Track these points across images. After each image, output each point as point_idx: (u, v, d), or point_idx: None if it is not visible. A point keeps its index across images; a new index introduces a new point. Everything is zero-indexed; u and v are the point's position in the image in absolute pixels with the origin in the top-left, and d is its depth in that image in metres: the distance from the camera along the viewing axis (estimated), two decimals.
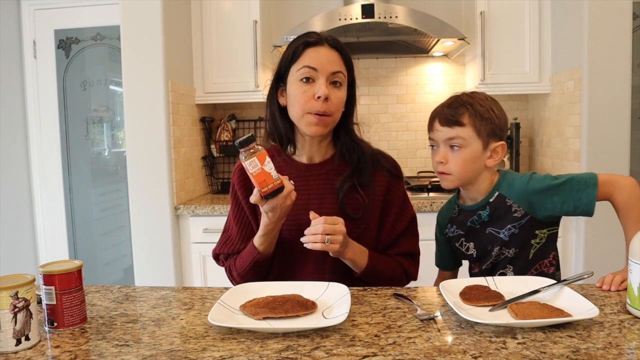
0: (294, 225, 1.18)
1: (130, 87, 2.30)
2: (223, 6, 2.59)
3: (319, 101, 1.12)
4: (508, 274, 1.20)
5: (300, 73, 1.15)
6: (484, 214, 1.20)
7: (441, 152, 1.19)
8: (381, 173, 1.25)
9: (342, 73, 1.17)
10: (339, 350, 0.79)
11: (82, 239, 2.80)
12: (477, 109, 1.15)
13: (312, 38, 1.17)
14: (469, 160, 1.16)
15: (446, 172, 1.18)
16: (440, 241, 1.35)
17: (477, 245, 1.24)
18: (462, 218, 1.26)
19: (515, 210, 1.17)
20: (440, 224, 1.33)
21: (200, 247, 2.36)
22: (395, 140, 2.99)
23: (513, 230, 1.17)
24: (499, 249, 1.20)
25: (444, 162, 1.18)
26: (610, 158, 2.17)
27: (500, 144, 1.18)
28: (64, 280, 0.91)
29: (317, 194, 1.21)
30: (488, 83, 2.52)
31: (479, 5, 2.49)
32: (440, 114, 1.19)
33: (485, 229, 1.21)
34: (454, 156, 1.17)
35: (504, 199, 1.18)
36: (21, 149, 2.75)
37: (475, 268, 1.28)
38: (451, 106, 1.18)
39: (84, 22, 2.70)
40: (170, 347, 0.82)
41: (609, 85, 2.15)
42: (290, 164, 1.24)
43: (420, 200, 2.26)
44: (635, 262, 0.90)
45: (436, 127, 1.19)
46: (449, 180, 1.19)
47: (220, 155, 2.84)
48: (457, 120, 1.15)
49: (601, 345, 0.78)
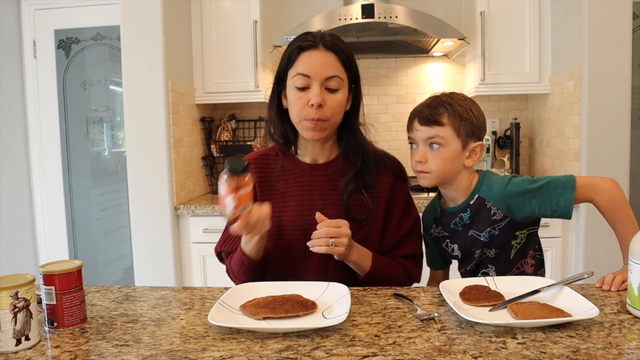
0: (297, 226, 1.17)
1: (130, 87, 2.30)
2: (223, 6, 2.59)
3: (313, 108, 1.12)
4: (490, 274, 1.21)
5: (294, 80, 1.14)
6: (465, 217, 1.21)
7: (420, 151, 1.19)
8: (385, 174, 1.24)
9: (338, 76, 1.15)
10: (339, 350, 0.79)
11: (82, 239, 2.80)
12: (456, 109, 1.16)
13: (306, 42, 1.15)
14: (447, 159, 1.17)
15: (425, 170, 1.19)
16: (427, 242, 1.35)
17: (460, 246, 1.24)
18: (445, 219, 1.26)
19: (495, 213, 1.17)
20: (426, 224, 1.33)
21: (200, 247, 2.36)
22: (395, 140, 2.99)
23: (493, 232, 1.18)
24: (481, 250, 1.21)
25: (423, 161, 1.18)
26: (610, 158, 2.17)
27: (479, 144, 1.19)
28: (64, 280, 0.91)
29: (320, 195, 1.20)
30: (488, 83, 2.51)
31: (479, 5, 2.49)
32: (420, 114, 1.19)
33: (467, 231, 1.22)
34: (433, 155, 1.17)
35: (484, 202, 1.19)
36: (21, 149, 2.75)
37: (461, 268, 1.29)
38: (430, 106, 1.18)
39: (84, 22, 2.71)
40: (170, 347, 0.82)
41: (609, 85, 2.15)
42: (295, 164, 1.24)
43: (420, 200, 2.25)
44: (635, 262, 0.90)
45: (415, 126, 1.19)
46: (428, 178, 1.20)
47: (220, 155, 2.84)
48: (436, 120, 1.16)
49: (601, 345, 0.78)
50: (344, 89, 1.18)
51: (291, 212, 1.20)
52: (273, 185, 1.23)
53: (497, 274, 1.20)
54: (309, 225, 1.09)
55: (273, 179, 1.23)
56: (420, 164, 1.19)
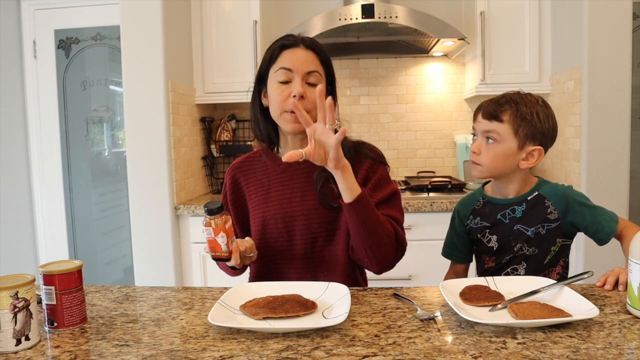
0: (280, 218, 1.23)
1: (130, 87, 2.30)
2: (223, 6, 2.59)
3: (294, 99, 1.16)
4: (519, 271, 1.23)
5: (277, 74, 1.20)
6: (519, 209, 1.24)
7: (477, 142, 1.24)
8: (361, 160, 1.25)
9: (318, 72, 1.21)
10: (339, 350, 0.79)
11: (82, 239, 2.80)
12: (520, 109, 1.19)
13: (288, 41, 1.22)
14: (499, 155, 1.20)
15: (477, 162, 1.23)
16: (459, 232, 1.35)
17: (500, 238, 1.26)
18: (489, 210, 1.28)
19: (551, 212, 1.21)
20: (462, 215, 1.34)
21: (200, 247, 2.36)
22: (395, 140, 2.99)
23: (540, 230, 1.21)
24: (521, 246, 1.23)
25: (477, 153, 1.23)
26: (610, 158, 2.17)
27: (537, 149, 1.21)
28: (64, 280, 0.91)
29: (300, 188, 1.25)
30: (488, 83, 2.51)
31: (479, 5, 2.49)
32: (485, 107, 1.23)
33: (514, 225, 1.24)
34: (487, 149, 1.21)
35: (543, 199, 1.23)
36: (21, 149, 2.75)
37: (489, 262, 1.29)
38: (498, 101, 1.22)
39: (84, 22, 2.71)
40: (170, 347, 0.82)
41: (609, 85, 2.15)
42: (275, 161, 1.29)
43: (420, 200, 2.26)
44: (635, 262, 0.90)
45: (478, 118, 1.24)
46: (478, 170, 1.24)
47: (220, 155, 2.84)
48: (497, 116, 1.19)
49: (601, 345, 0.78)
50: (323, 86, 1.22)
51: (274, 205, 1.25)
52: (258, 184, 1.29)
53: (526, 273, 1.22)
54: (290, 216, 1.20)
55: (257, 178, 1.30)
56: (474, 154, 1.23)
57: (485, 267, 1.30)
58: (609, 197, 2.12)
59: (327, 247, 1.23)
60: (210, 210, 1.05)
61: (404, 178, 2.83)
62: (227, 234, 1.06)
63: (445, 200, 2.26)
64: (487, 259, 1.30)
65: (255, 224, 1.27)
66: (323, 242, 1.22)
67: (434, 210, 2.24)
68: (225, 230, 1.06)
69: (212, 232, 1.06)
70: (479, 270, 1.33)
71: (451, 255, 1.39)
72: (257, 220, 1.26)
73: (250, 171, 1.32)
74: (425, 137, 2.98)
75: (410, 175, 2.94)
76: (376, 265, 1.15)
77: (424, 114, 2.97)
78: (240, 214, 1.32)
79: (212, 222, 1.06)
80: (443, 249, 1.40)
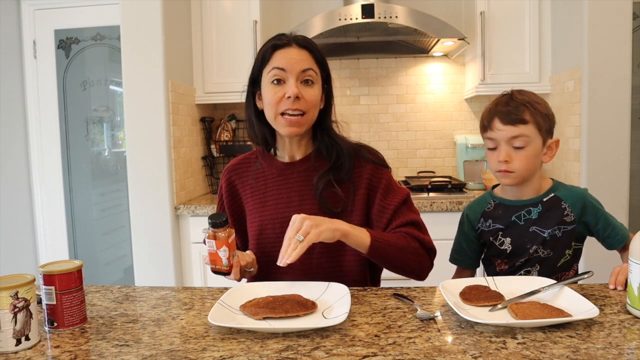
0: (277, 222, 1.20)
1: (130, 87, 2.30)
2: (223, 6, 2.59)
3: (290, 100, 1.13)
4: (532, 273, 1.22)
5: (270, 75, 1.16)
6: (535, 211, 1.23)
7: (504, 150, 1.19)
8: (362, 164, 1.23)
9: (313, 70, 1.17)
10: (339, 350, 0.79)
11: (82, 239, 2.80)
12: (535, 106, 1.18)
13: (280, 40, 1.18)
14: (531, 157, 1.19)
15: (509, 170, 1.19)
16: (469, 237, 1.32)
17: (514, 240, 1.24)
18: (503, 212, 1.26)
19: (567, 214, 1.21)
20: (472, 219, 1.32)
21: (200, 247, 2.35)
22: (395, 140, 2.99)
23: (557, 233, 1.20)
24: (537, 248, 1.21)
25: (509, 161, 1.19)
26: (610, 158, 2.17)
27: (555, 141, 1.22)
28: (64, 280, 0.91)
29: (298, 191, 1.22)
30: (488, 83, 2.51)
31: (479, 5, 2.49)
32: (501, 113, 1.19)
33: (530, 226, 1.22)
34: (518, 154, 1.19)
35: (560, 201, 1.22)
36: (21, 148, 2.75)
37: (502, 265, 1.27)
38: (510, 104, 1.19)
39: (84, 22, 2.70)
40: (170, 347, 0.82)
41: (609, 85, 2.15)
42: (272, 164, 1.26)
43: (420, 200, 2.26)
44: (635, 262, 0.90)
45: (497, 126, 1.19)
46: (511, 177, 1.21)
47: (220, 155, 2.84)
48: (521, 118, 1.17)
49: (601, 345, 0.78)
50: (319, 85, 1.20)
51: (270, 209, 1.22)
52: (254, 187, 1.26)
53: (539, 274, 1.21)
54: (288, 221, 1.09)
55: (253, 181, 1.26)
56: (504, 163, 1.19)
57: (497, 270, 1.28)
58: (609, 197, 2.12)
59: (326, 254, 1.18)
60: (215, 223, 1.03)
61: (404, 178, 2.83)
62: (229, 248, 1.04)
63: (445, 201, 2.26)
64: (499, 262, 1.28)
65: (252, 228, 1.24)
66: (321, 250, 1.17)
67: (434, 210, 2.24)
68: (228, 244, 1.04)
69: (214, 245, 1.04)
70: (489, 274, 1.30)
71: (459, 261, 1.35)
72: (254, 224, 1.23)
73: (246, 174, 1.28)
74: (425, 137, 2.98)
75: (410, 175, 2.94)
76: (415, 277, 1.18)
77: (424, 114, 2.97)
78: (238, 217, 1.29)
79: (215, 235, 1.03)
80: (451, 255, 1.36)
